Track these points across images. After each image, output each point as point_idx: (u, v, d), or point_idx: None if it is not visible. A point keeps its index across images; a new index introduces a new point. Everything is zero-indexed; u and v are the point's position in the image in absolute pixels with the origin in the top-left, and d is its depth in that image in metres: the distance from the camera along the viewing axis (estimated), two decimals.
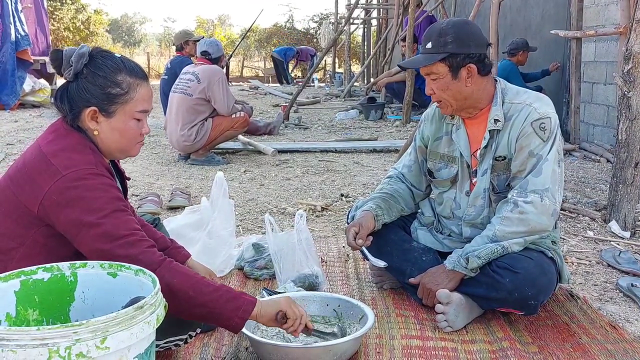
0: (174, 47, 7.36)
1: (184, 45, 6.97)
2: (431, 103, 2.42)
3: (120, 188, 1.94)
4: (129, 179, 2.02)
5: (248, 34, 21.01)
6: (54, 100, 1.80)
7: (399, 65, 2.31)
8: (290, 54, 19.20)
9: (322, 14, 29.24)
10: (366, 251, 2.35)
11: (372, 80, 13.67)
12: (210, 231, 2.70)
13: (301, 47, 20.32)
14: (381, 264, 2.34)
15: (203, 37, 6.56)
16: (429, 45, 2.19)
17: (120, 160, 1.98)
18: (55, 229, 1.66)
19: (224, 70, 6.62)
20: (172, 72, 6.51)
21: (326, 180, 4.82)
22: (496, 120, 2.21)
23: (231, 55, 8.28)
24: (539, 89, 6.31)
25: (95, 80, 1.72)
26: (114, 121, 1.74)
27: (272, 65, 20.13)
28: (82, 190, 1.62)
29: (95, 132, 1.74)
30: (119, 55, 1.79)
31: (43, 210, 1.64)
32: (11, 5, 10.28)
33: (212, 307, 1.63)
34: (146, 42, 40.89)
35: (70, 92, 1.74)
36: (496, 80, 2.28)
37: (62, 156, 1.66)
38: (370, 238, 2.34)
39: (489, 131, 2.22)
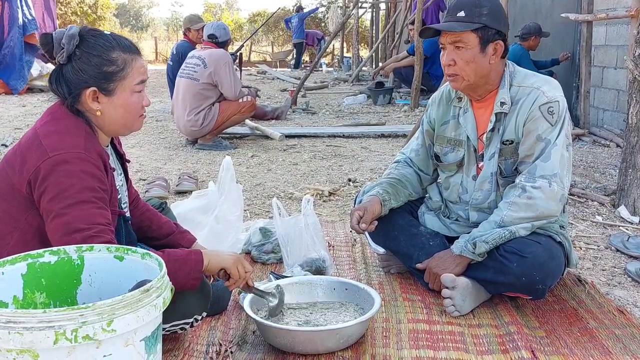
0: (181, 32, 7.39)
1: (186, 31, 6.99)
2: (443, 82, 2.40)
3: (122, 171, 1.94)
4: (128, 161, 2.02)
5: (256, 18, 20.88)
6: (50, 84, 1.78)
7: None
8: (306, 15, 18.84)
9: None
10: (368, 236, 2.35)
11: (380, 64, 13.58)
12: (217, 215, 2.70)
13: (309, 31, 20.20)
14: (380, 250, 2.35)
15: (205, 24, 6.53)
16: (462, 14, 2.14)
17: (123, 145, 1.97)
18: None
19: (239, 61, 6.61)
20: (178, 58, 6.49)
21: (333, 165, 4.81)
22: (502, 103, 2.19)
23: (242, 46, 8.22)
24: (550, 74, 6.25)
25: (90, 60, 1.71)
26: (116, 98, 1.75)
27: (281, 50, 19.99)
28: (60, 175, 1.60)
29: (98, 113, 1.74)
30: (109, 33, 1.79)
31: (29, 190, 1.64)
32: None
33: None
34: (154, 26, 40.77)
35: (66, 75, 1.73)
36: (505, 64, 2.26)
37: (53, 138, 1.66)
38: (375, 223, 2.33)
39: (495, 114, 2.20)
